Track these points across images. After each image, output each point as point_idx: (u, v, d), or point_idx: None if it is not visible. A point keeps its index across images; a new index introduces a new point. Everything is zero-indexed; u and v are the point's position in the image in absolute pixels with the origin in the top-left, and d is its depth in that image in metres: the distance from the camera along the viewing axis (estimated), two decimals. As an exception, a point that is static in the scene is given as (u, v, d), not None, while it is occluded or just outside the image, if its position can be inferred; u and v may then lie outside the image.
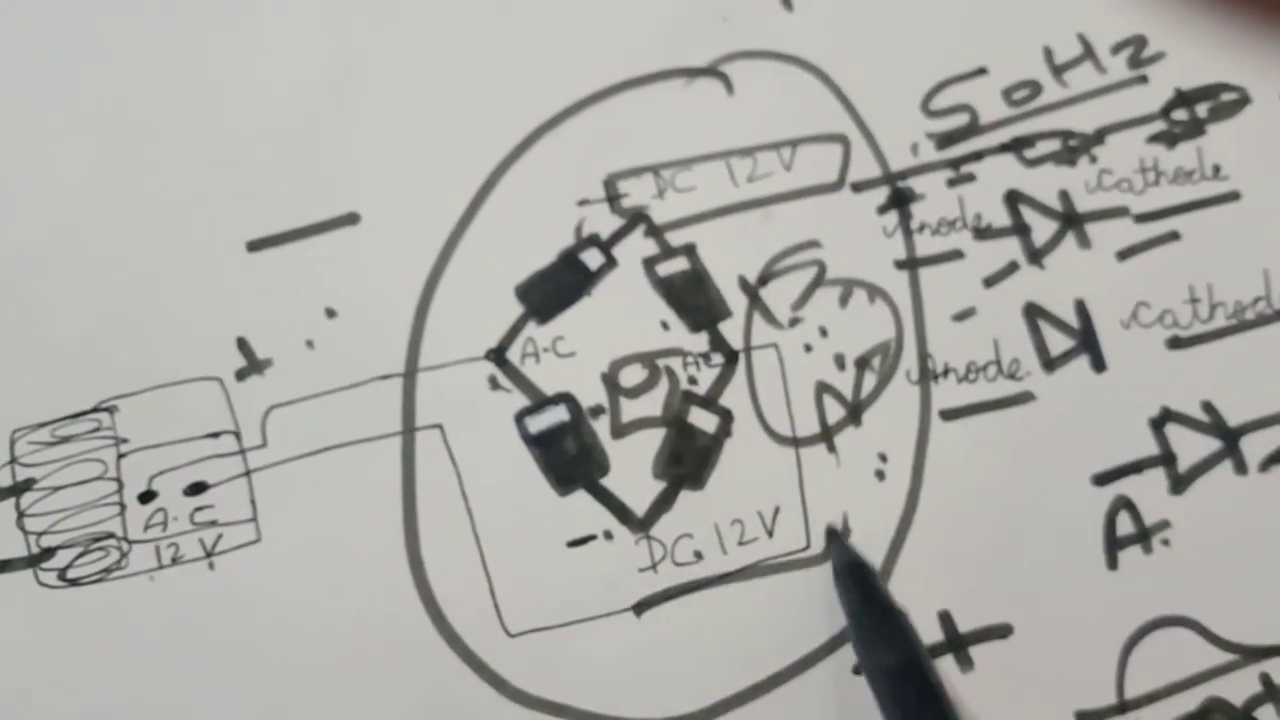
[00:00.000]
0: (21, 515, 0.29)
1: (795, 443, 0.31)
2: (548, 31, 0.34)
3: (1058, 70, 0.34)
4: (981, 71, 0.34)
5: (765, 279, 0.32)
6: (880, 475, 0.31)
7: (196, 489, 0.30)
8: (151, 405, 0.30)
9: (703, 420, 0.31)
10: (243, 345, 0.30)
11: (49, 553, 0.29)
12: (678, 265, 0.32)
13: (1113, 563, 0.31)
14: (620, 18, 0.34)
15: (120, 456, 0.29)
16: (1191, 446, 0.32)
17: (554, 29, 0.34)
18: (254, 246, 0.31)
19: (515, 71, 0.33)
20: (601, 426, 0.31)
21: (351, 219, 0.32)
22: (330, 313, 0.31)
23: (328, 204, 0.32)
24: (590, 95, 0.33)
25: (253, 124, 0.32)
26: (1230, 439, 0.32)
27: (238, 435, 0.30)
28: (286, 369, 0.30)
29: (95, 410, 0.30)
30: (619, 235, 0.32)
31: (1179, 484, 0.32)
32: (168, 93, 0.32)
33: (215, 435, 0.30)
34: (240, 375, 0.30)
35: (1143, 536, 0.31)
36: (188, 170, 0.32)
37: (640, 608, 0.30)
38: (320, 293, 0.31)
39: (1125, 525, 0.31)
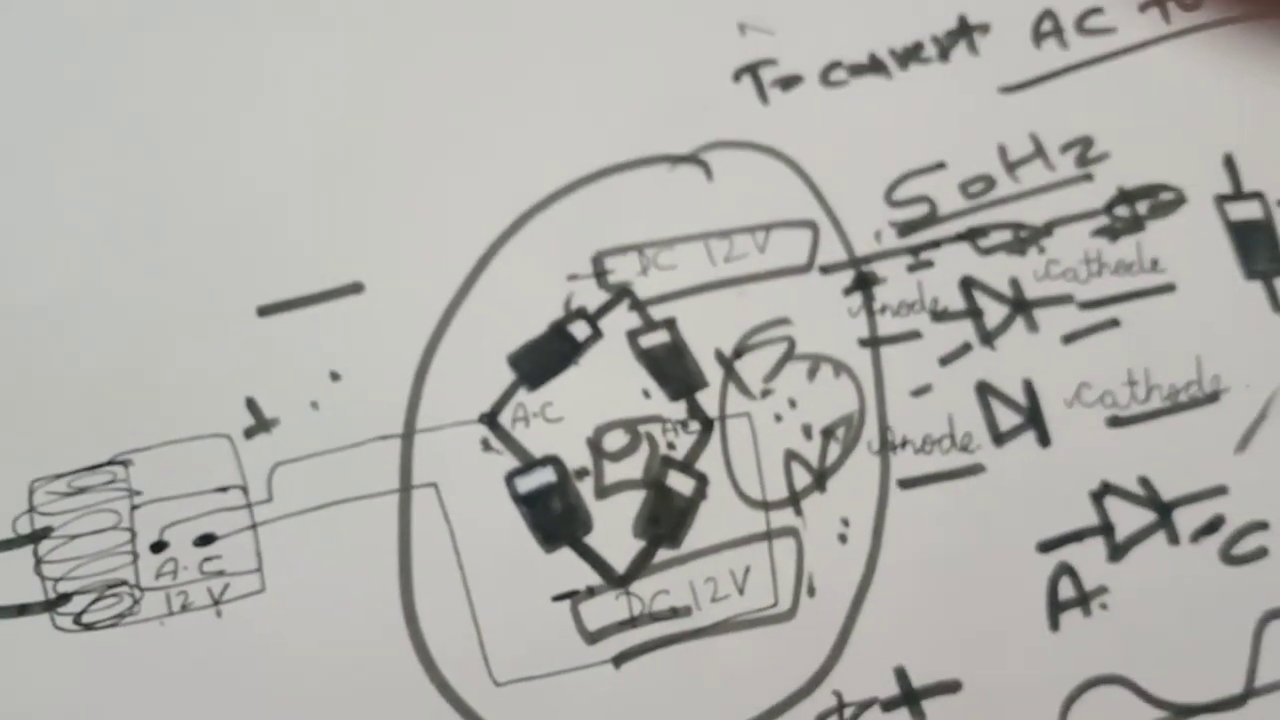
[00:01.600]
0: (39, 561, 0.30)
1: (765, 506, 0.32)
2: (542, 120, 0.34)
3: (1011, 167, 0.35)
4: (941, 166, 0.35)
5: (740, 352, 0.33)
6: (843, 538, 0.32)
7: (205, 540, 0.31)
8: (164, 460, 0.31)
9: (680, 483, 0.32)
10: (251, 405, 0.31)
11: (65, 598, 0.30)
12: (659, 338, 0.33)
13: (1055, 624, 0.32)
14: (609, 106, 0.35)
15: (134, 508, 0.30)
16: (1128, 518, 0.33)
17: (548, 115, 0.34)
18: (264, 311, 0.32)
19: (511, 154, 0.34)
20: (586, 487, 0.32)
21: (356, 288, 0.33)
22: (334, 376, 0.32)
23: (334, 273, 0.33)
24: (580, 178, 0.34)
25: (266, 194, 0.33)
26: (1164, 512, 0.33)
27: (245, 490, 0.31)
28: (292, 428, 0.31)
29: (110, 464, 0.31)
30: (605, 309, 0.33)
31: (1116, 552, 0.33)
32: (184, 158, 0.33)
33: (224, 489, 0.31)
34: (249, 433, 0.31)
35: (1083, 600, 0.32)
36: (202, 235, 0.33)
37: (620, 659, 0.31)
38: (325, 357, 0.32)
39: (1067, 589, 0.33)
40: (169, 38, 0.34)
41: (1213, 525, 0.34)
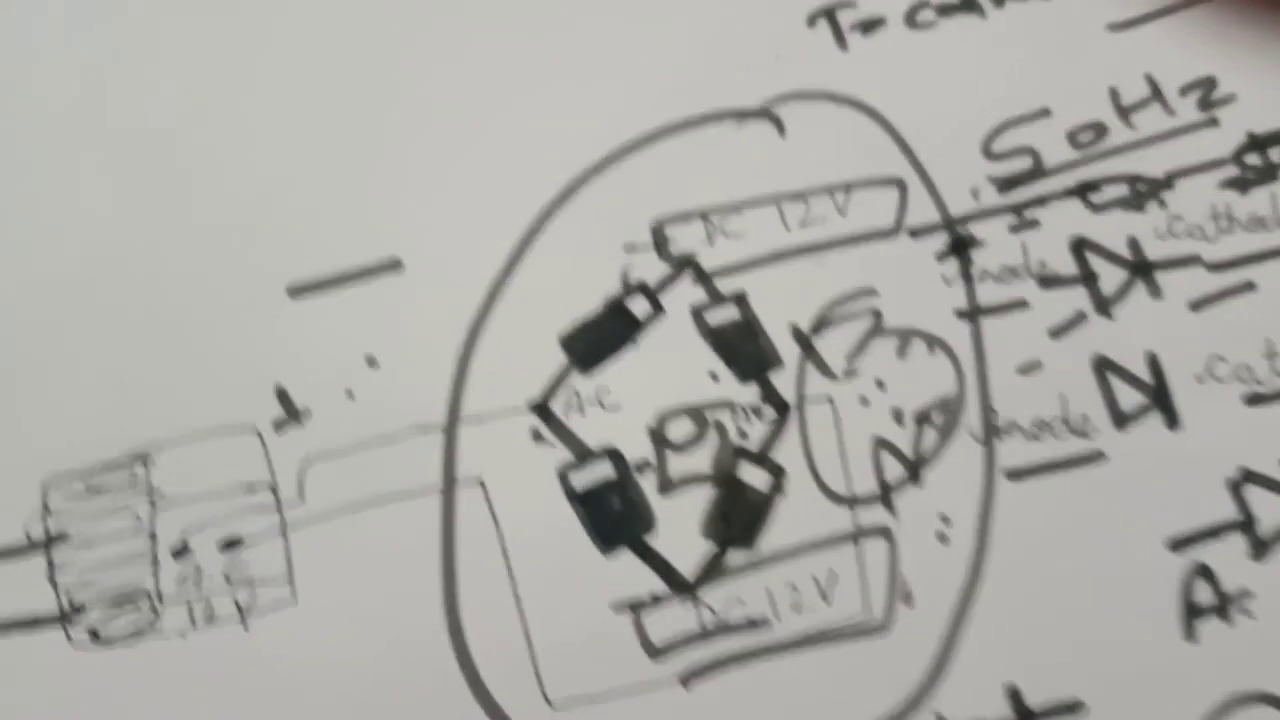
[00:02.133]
0: (53, 569, 0.28)
1: (852, 502, 0.30)
2: (594, 74, 0.33)
3: (1124, 112, 0.33)
4: (1045, 113, 0.33)
5: (818, 328, 0.32)
6: (942, 538, 0.30)
7: (232, 544, 0.29)
8: (187, 456, 0.30)
9: (754, 477, 0.30)
10: (281, 395, 0.30)
11: (79, 609, 0.28)
12: (727, 313, 0.31)
13: (1190, 634, 0.30)
14: (669, 58, 0.33)
15: (154, 509, 0.29)
16: (1274, 509, 0.30)
17: (600, 72, 0.33)
18: (295, 292, 0.31)
19: (561, 115, 0.33)
20: (648, 482, 0.30)
21: (394, 265, 0.31)
22: (371, 361, 0.31)
23: (370, 249, 0.31)
24: (637, 138, 0.33)
25: (295, 166, 0.32)
26: None
27: (275, 489, 0.30)
28: (325, 419, 0.30)
29: (129, 461, 0.29)
30: (666, 282, 0.32)
31: (1261, 549, 0.30)
32: (208, 132, 0.32)
33: (252, 488, 0.29)
34: (278, 426, 0.30)
35: (1222, 606, 0.30)
36: (228, 212, 0.32)
37: (688, 677, 0.29)
38: (361, 341, 0.31)
39: (1203, 594, 0.30)
40: (201, 6, 0.33)
41: (1371, 518, 0.31)
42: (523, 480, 0.30)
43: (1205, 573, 0.30)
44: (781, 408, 0.31)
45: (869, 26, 0.34)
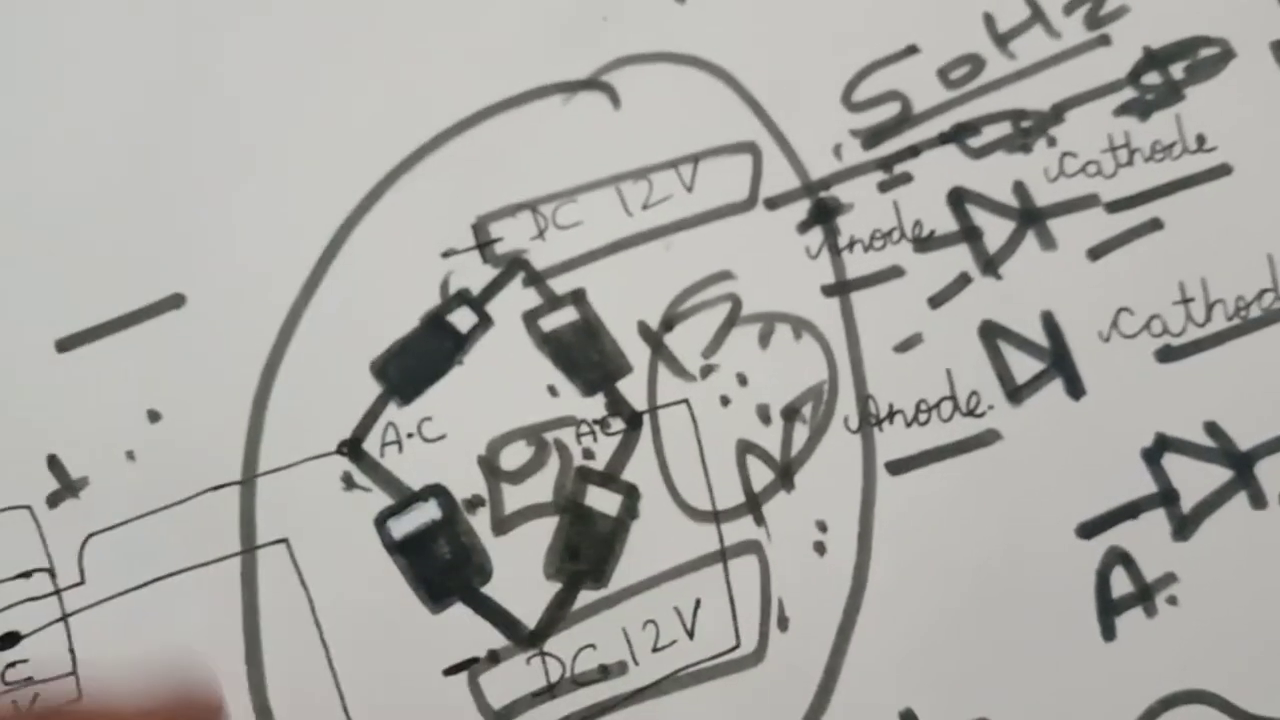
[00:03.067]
0: None
1: (716, 517, 0.28)
2: (397, 55, 0.30)
3: (1002, 40, 0.31)
4: (911, 50, 0.31)
5: (670, 322, 0.29)
6: (820, 549, 0.28)
7: (8, 641, 0.26)
8: None
9: (602, 501, 0.28)
10: (54, 464, 0.27)
11: None
12: (564, 317, 0.29)
13: (1109, 632, 0.28)
14: (482, 31, 0.30)
15: None
16: (1196, 480, 0.29)
17: (404, 51, 0.30)
18: (63, 345, 0.28)
19: (361, 110, 0.30)
20: (480, 522, 0.28)
21: (175, 301, 0.28)
22: (153, 415, 0.28)
23: (146, 287, 0.28)
24: (450, 126, 0.30)
25: (53, 201, 0.28)
26: (1242, 466, 0.29)
27: (52, 573, 0.27)
28: (105, 488, 0.27)
29: None
30: (493, 288, 0.29)
31: (1184, 527, 0.29)
32: None
33: (27, 575, 0.27)
34: (52, 501, 0.27)
35: (1144, 596, 0.29)
36: None
37: None
38: (141, 393, 0.28)
39: (1122, 584, 0.29)
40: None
41: (1311, 477, 0.30)
42: (333, 535, 0.27)
43: (1123, 559, 0.29)
44: (632, 419, 0.29)
45: None
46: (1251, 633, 0.28)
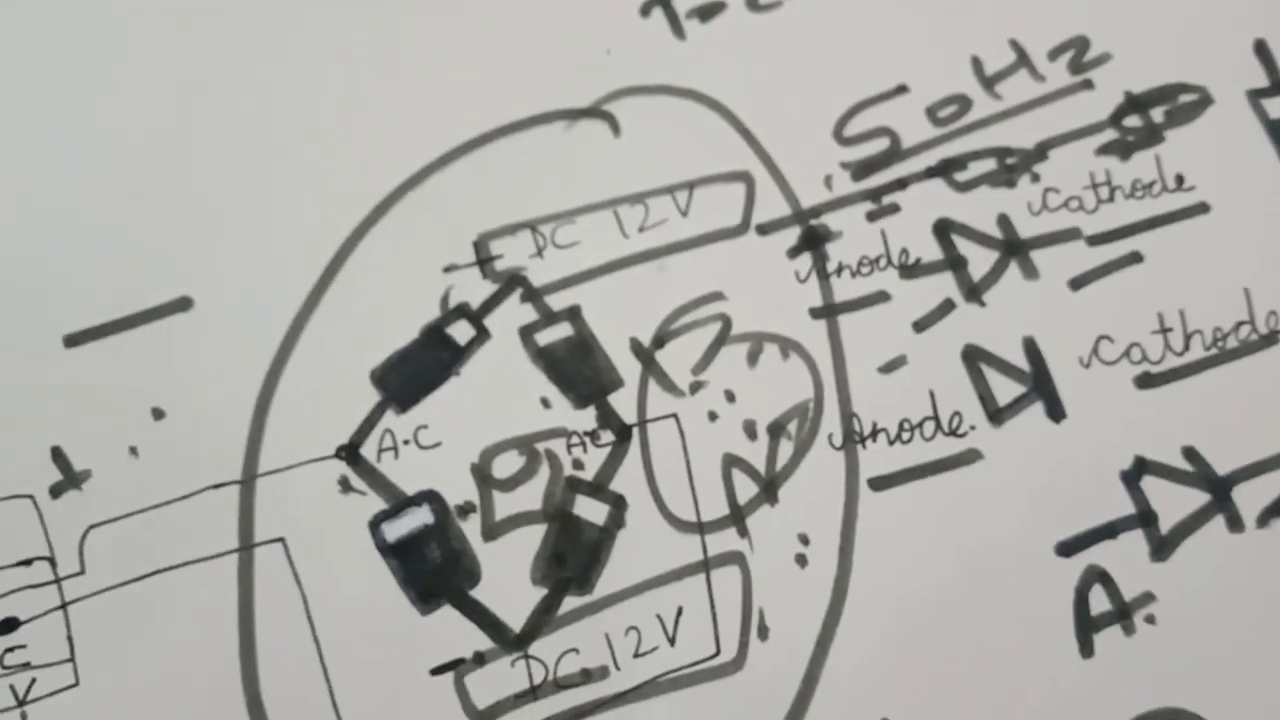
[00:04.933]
0: None
1: (700, 529, 0.28)
2: (406, 76, 0.31)
3: (989, 82, 0.32)
4: (901, 90, 0.32)
5: (661, 340, 0.30)
6: (801, 561, 0.28)
7: (6, 627, 0.26)
8: None
9: (590, 510, 0.28)
10: (58, 456, 0.28)
11: None
12: (560, 332, 0.29)
13: (1087, 649, 0.28)
14: (490, 57, 0.31)
15: None
16: (1174, 502, 0.29)
17: (413, 73, 0.31)
18: (71, 341, 0.28)
19: (372, 126, 0.30)
20: (471, 527, 0.28)
21: (183, 304, 0.29)
22: (157, 414, 0.28)
23: (155, 289, 0.29)
24: (457, 147, 0.30)
25: (68, 200, 0.29)
26: (1220, 490, 0.29)
27: (52, 562, 0.27)
28: (107, 482, 0.27)
29: None
30: (492, 303, 0.30)
31: (1162, 548, 0.29)
32: None
33: (27, 563, 0.27)
34: (55, 491, 0.27)
35: (1122, 614, 0.28)
36: None
37: None
38: (146, 391, 0.28)
39: (1100, 602, 0.28)
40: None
41: (1286, 502, 0.30)
42: (329, 536, 0.27)
43: (1102, 577, 0.28)
44: (621, 431, 0.29)
45: (708, 12, 0.32)
46: (1228, 651, 0.28)
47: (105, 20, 0.31)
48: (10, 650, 0.26)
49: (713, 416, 0.29)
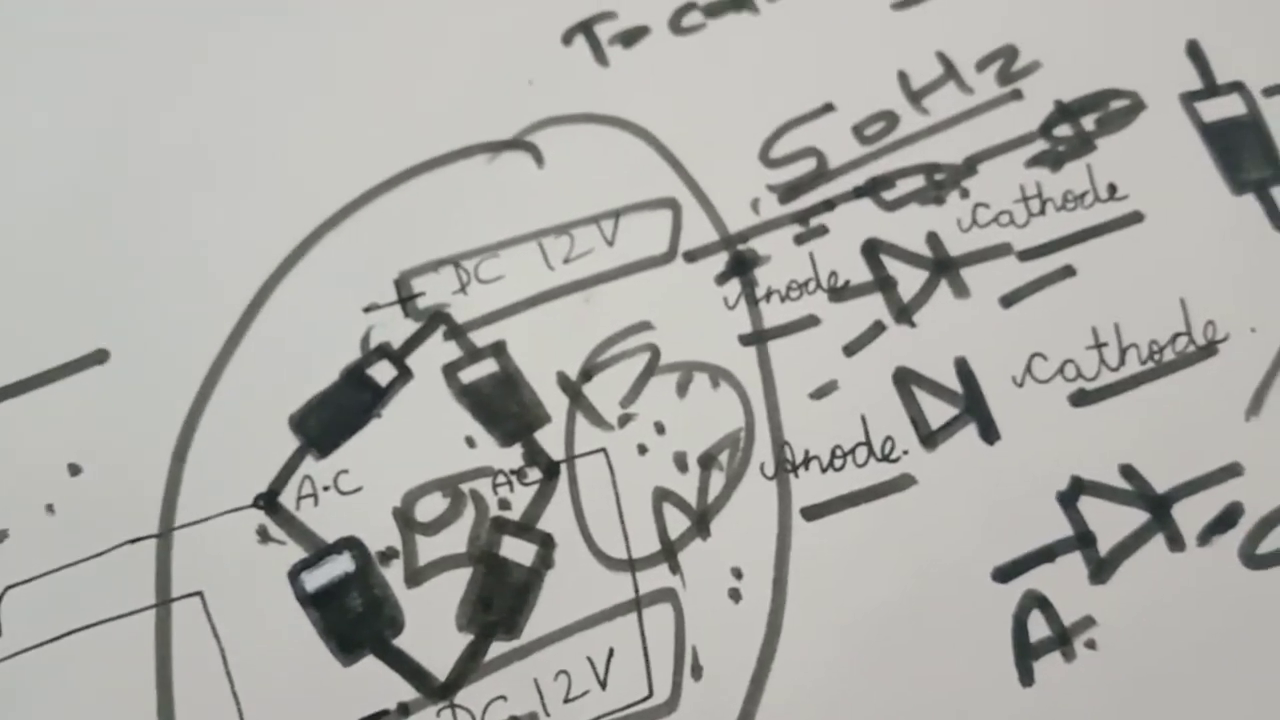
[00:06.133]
0: None
1: (631, 566, 0.28)
2: (325, 114, 0.30)
3: (915, 96, 0.31)
4: (827, 109, 0.31)
5: (589, 373, 0.29)
6: (735, 595, 0.27)
7: None
8: None
9: (517, 551, 0.27)
10: None
11: None
12: (484, 369, 0.29)
13: (1027, 677, 0.27)
14: (409, 91, 0.31)
15: None
16: (1113, 522, 0.28)
17: (332, 111, 0.30)
18: None
19: (287, 164, 0.30)
20: (394, 574, 0.27)
21: (98, 357, 0.28)
22: (74, 469, 0.27)
23: (69, 343, 0.28)
24: (377, 184, 0.30)
25: None
26: (1159, 508, 0.28)
27: None
28: (24, 541, 0.27)
29: None
30: (414, 341, 0.29)
31: (1101, 570, 0.28)
32: None
33: None
34: None
35: (1062, 640, 0.27)
36: None
37: None
38: (62, 447, 0.28)
39: (1039, 628, 0.27)
40: None
41: (1227, 518, 0.28)
42: (247, 587, 0.27)
43: (1040, 602, 0.28)
44: (549, 468, 0.28)
45: (631, 38, 0.32)
46: (1170, 676, 0.27)
47: (15, 76, 0.30)
48: (-76, 722, 0.26)
49: (642, 449, 0.28)
